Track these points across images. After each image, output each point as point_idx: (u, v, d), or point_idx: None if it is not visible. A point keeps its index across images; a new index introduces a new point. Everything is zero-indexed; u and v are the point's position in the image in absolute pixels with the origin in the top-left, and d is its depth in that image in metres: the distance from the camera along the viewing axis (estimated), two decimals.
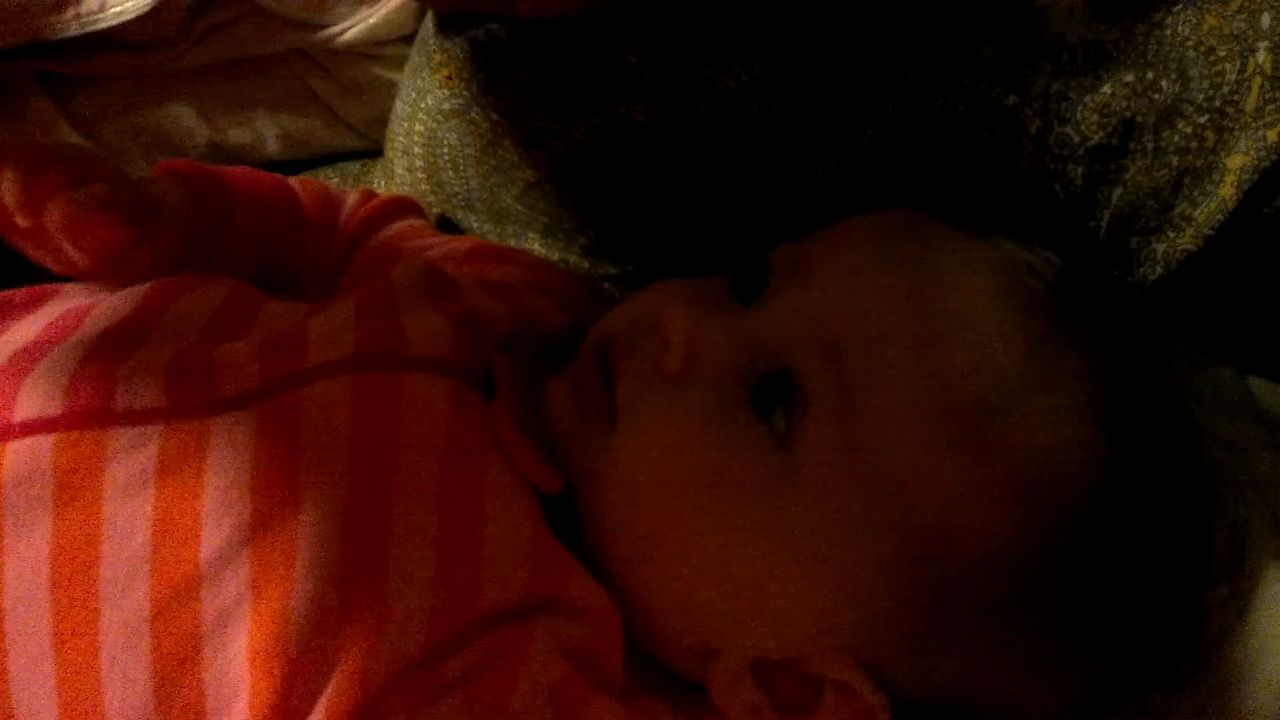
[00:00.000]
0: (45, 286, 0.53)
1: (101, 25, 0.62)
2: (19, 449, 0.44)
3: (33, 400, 0.45)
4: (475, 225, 0.63)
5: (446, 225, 0.64)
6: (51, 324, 0.48)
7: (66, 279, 0.52)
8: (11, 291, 0.52)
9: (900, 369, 0.45)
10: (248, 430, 0.44)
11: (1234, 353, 0.58)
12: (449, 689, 0.43)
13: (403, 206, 0.62)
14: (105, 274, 0.51)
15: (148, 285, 0.51)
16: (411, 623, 0.43)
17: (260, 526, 0.43)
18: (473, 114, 0.59)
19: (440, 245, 0.59)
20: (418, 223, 0.62)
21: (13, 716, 0.42)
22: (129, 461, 0.44)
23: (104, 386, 0.45)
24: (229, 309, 0.50)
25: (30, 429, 0.44)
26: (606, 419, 0.47)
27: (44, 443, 0.44)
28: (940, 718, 0.47)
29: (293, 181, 0.61)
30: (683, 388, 0.46)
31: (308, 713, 0.42)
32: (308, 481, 0.44)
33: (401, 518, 0.44)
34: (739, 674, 0.47)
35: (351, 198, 0.62)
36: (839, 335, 0.46)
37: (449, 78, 0.60)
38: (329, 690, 0.42)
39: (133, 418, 0.45)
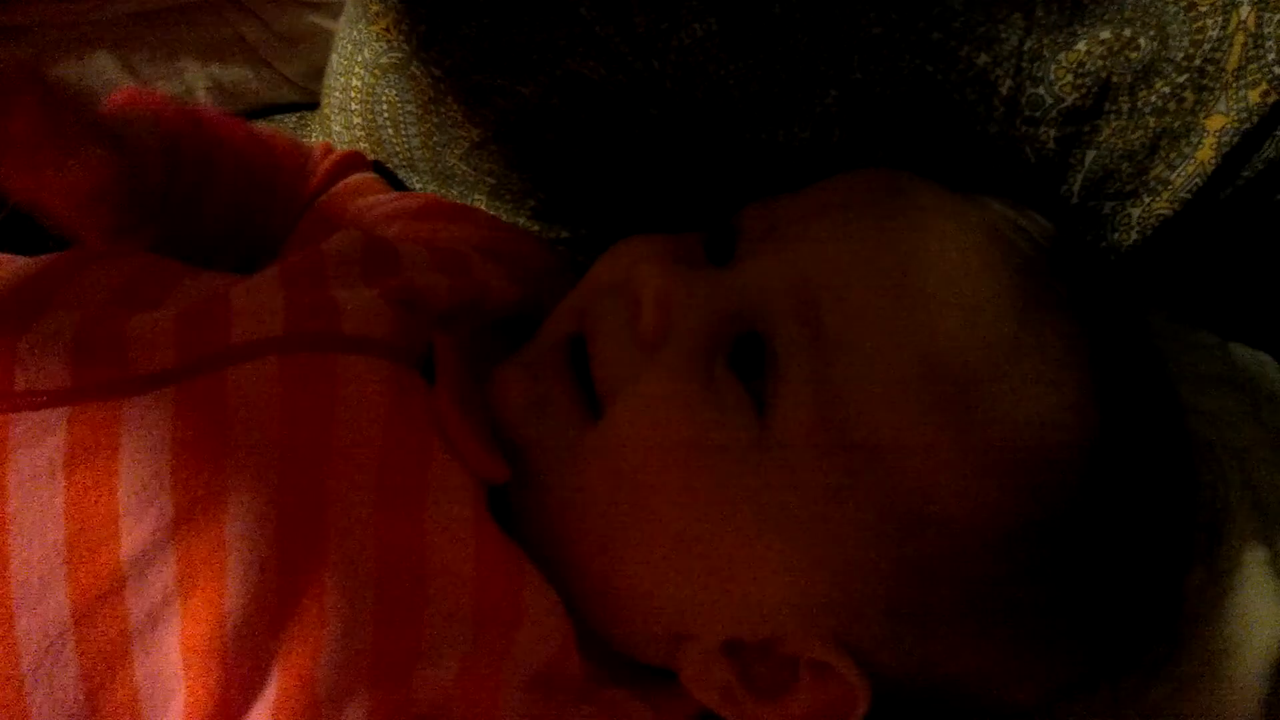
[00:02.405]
0: None
1: None
2: None
3: None
4: (418, 186, 0.60)
5: (398, 184, 0.61)
6: None
7: None
8: None
9: (881, 332, 0.42)
10: (165, 414, 0.41)
11: (1214, 319, 0.56)
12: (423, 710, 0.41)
13: (356, 161, 0.59)
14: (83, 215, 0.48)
15: (51, 255, 0.48)
16: (357, 623, 0.40)
17: (185, 521, 0.40)
18: (413, 69, 0.56)
19: (389, 202, 0.56)
20: (368, 178, 0.58)
21: None
22: (34, 450, 0.40)
23: (3, 360, 0.42)
24: (144, 278, 0.47)
25: None
26: (579, 409, 0.45)
27: None
28: (919, 701, 0.46)
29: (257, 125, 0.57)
30: (660, 355, 0.44)
31: (245, 713, 0.40)
32: (235, 474, 0.41)
33: (338, 516, 0.41)
34: (711, 656, 0.45)
35: (315, 152, 0.58)
36: (814, 297, 0.43)
37: (387, 29, 0.56)
38: (271, 691, 0.40)
39: (35, 400, 0.41)
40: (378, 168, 0.60)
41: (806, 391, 0.42)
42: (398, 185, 0.60)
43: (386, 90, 0.57)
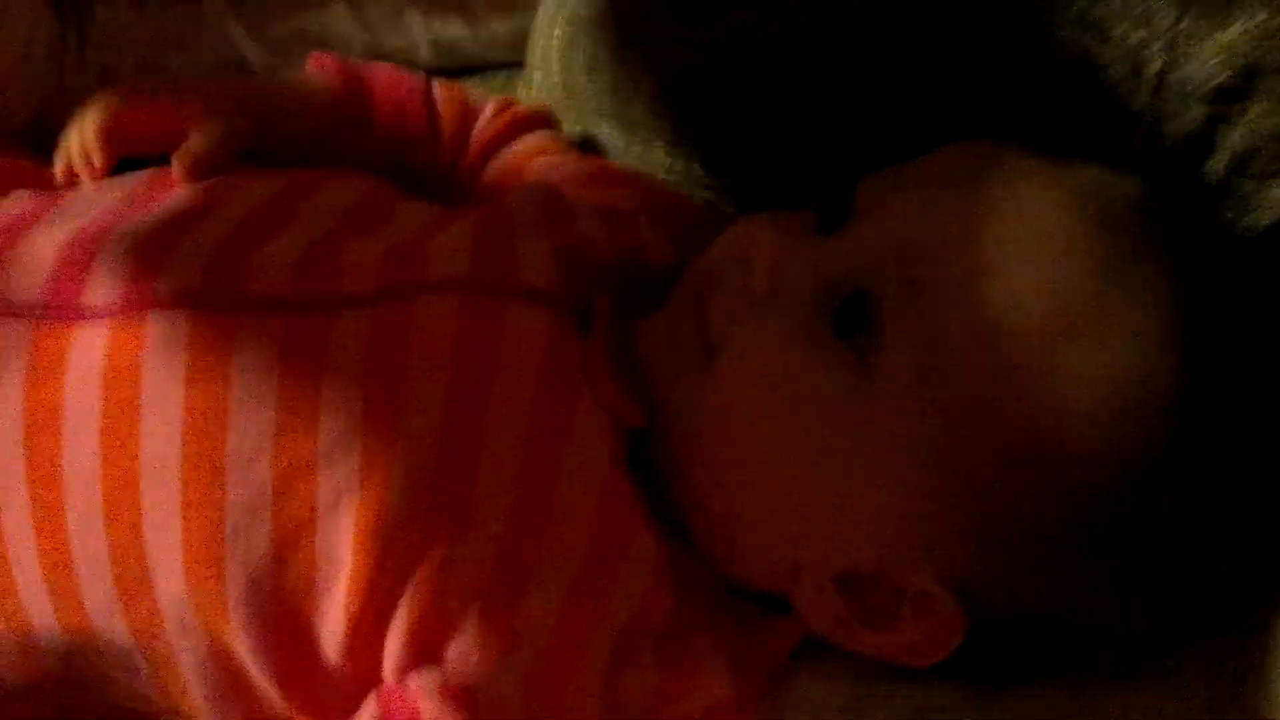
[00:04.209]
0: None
1: None
2: (159, 319, 0.48)
3: (173, 276, 0.49)
4: (607, 132, 0.65)
5: (581, 143, 0.67)
6: (198, 198, 0.53)
7: None
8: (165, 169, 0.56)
9: (972, 289, 0.46)
10: (362, 331, 0.48)
11: None
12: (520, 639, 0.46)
13: (536, 120, 0.65)
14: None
15: (288, 174, 0.56)
16: (486, 540, 0.46)
17: (369, 421, 0.47)
18: (608, 19, 0.61)
19: (566, 165, 0.63)
20: (547, 138, 0.65)
21: (148, 572, 0.47)
22: (256, 347, 0.48)
23: (240, 271, 0.49)
24: (366, 205, 0.55)
25: (173, 302, 0.48)
26: (700, 355, 0.50)
27: (181, 317, 0.48)
28: (1018, 636, 0.49)
29: (436, 87, 0.65)
30: (769, 311, 0.49)
31: (396, 597, 0.46)
32: (412, 388, 0.48)
33: (491, 441, 0.47)
34: (823, 587, 0.49)
35: (489, 108, 0.65)
36: (914, 258, 0.47)
37: None
38: (411, 585, 0.46)
39: (261, 306, 0.49)
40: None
41: (907, 344, 0.47)
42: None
43: (583, 40, 0.63)
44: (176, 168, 0.54)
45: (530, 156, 0.63)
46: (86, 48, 0.69)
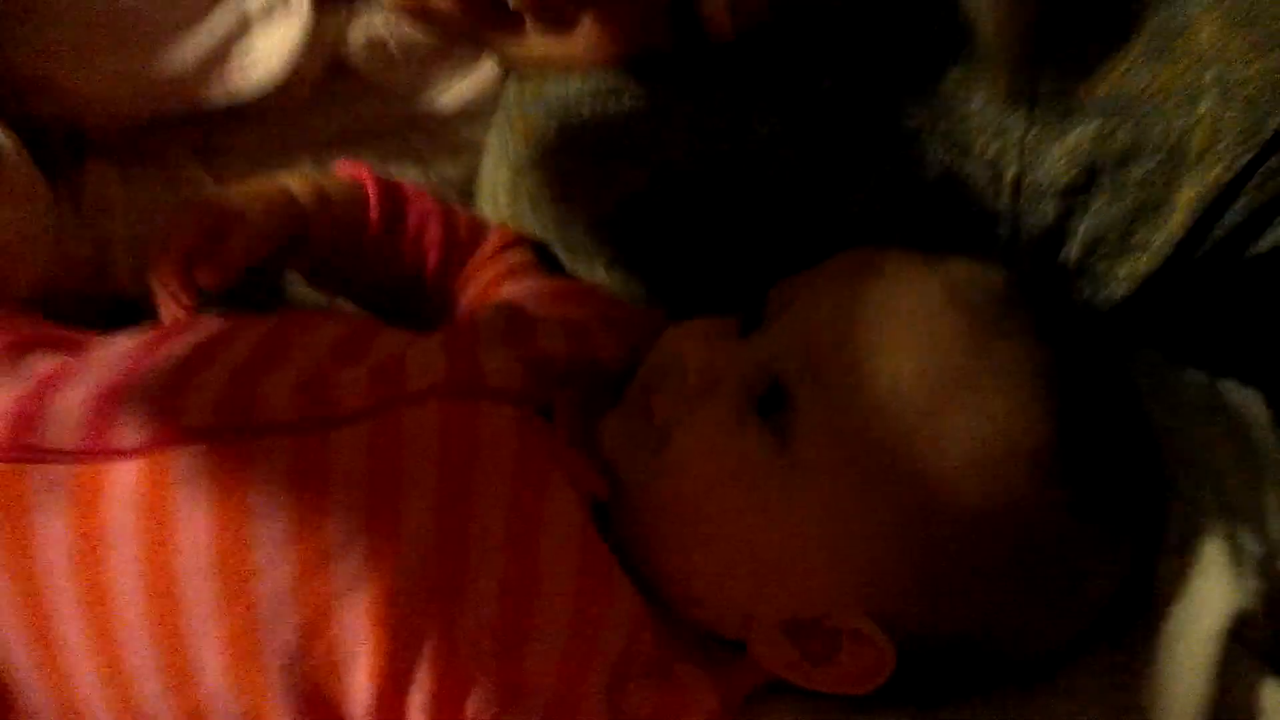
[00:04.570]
0: (196, 318, 0.64)
1: (243, 93, 0.74)
2: (181, 454, 0.55)
3: (188, 415, 0.56)
4: (551, 256, 0.73)
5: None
6: (201, 344, 0.60)
7: None
8: (170, 323, 0.64)
9: (862, 374, 0.55)
10: (357, 443, 0.56)
11: (1203, 358, 0.66)
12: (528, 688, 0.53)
13: (512, 238, 0.73)
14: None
15: (279, 315, 0.63)
16: (487, 607, 0.53)
17: (370, 519, 0.54)
18: (546, 163, 0.70)
19: (533, 286, 0.70)
20: (522, 259, 0.72)
21: (192, 668, 0.53)
22: (266, 468, 0.55)
23: (246, 404, 0.56)
24: (352, 336, 0.62)
25: (191, 438, 0.55)
26: (651, 443, 0.58)
27: (199, 450, 0.55)
28: (943, 661, 0.57)
29: (450, 210, 0.73)
30: (704, 403, 0.57)
31: (412, 670, 0.53)
32: (405, 487, 0.54)
33: (478, 524, 0.54)
34: (773, 633, 0.56)
35: (490, 241, 0.73)
36: (814, 351, 0.56)
37: (528, 135, 0.70)
38: (427, 655, 0.53)
39: (267, 432, 0.56)
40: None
41: (815, 423, 0.55)
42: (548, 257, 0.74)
43: (525, 181, 0.71)
44: (207, 270, 0.63)
45: (501, 280, 0.71)
46: (81, 219, 0.75)
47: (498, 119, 0.74)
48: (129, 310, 0.75)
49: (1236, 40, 0.61)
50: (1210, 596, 0.57)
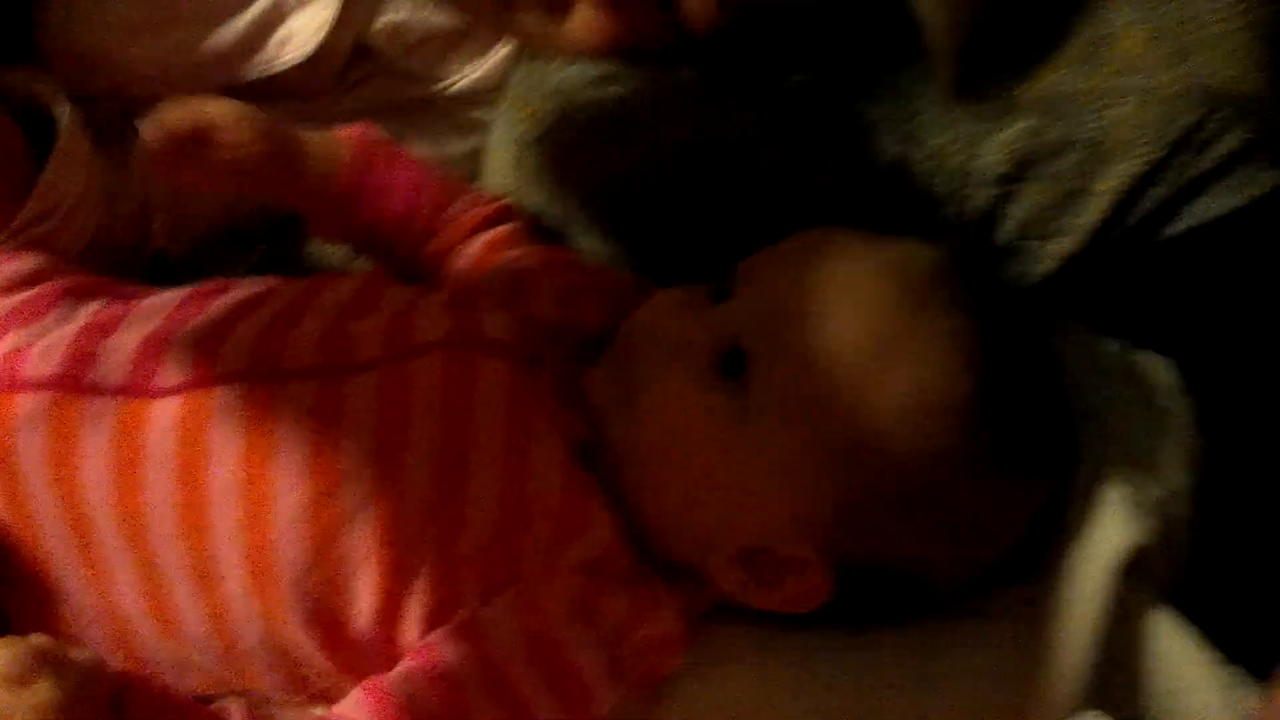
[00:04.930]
0: (231, 280, 0.72)
1: (277, 68, 0.81)
2: (218, 392, 0.63)
3: (226, 360, 0.64)
4: (550, 226, 0.80)
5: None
6: (238, 302, 0.68)
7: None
8: (208, 283, 0.72)
9: (810, 340, 0.62)
10: (372, 389, 0.64)
11: (1121, 330, 0.74)
12: (510, 583, 0.62)
13: (505, 213, 0.78)
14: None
15: (307, 280, 0.71)
16: (481, 524, 0.61)
17: (382, 453, 0.62)
18: (549, 140, 0.77)
19: (527, 254, 0.77)
20: (516, 229, 0.78)
21: (218, 572, 0.61)
22: (291, 406, 0.63)
23: (276, 352, 0.65)
24: (361, 293, 0.70)
25: (228, 379, 0.64)
26: (626, 397, 0.66)
27: (235, 389, 0.63)
28: (875, 584, 0.65)
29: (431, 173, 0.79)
30: (675, 363, 0.65)
31: (412, 587, 0.61)
32: (413, 425, 0.62)
33: (476, 456, 0.62)
34: (730, 559, 0.64)
35: (461, 203, 0.78)
36: (770, 320, 0.64)
37: (531, 114, 0.77)
38: (427, 565, 0.61)
39: (293, 375, 0.64)
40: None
41: (769, 383, 0.63)
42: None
43: (528, 157, 0.77)
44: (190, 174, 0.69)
45: (497, 247, 0.76)
46: (128, 181, 0.82)
47: (504, 101, 0.81)
48: (166, 265, 0.84)
49: (1154, 51, 0.69)
50: (1109, 534, 0.65)
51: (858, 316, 0.63)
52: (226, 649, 0.63)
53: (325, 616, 0.61)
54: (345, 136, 0.75)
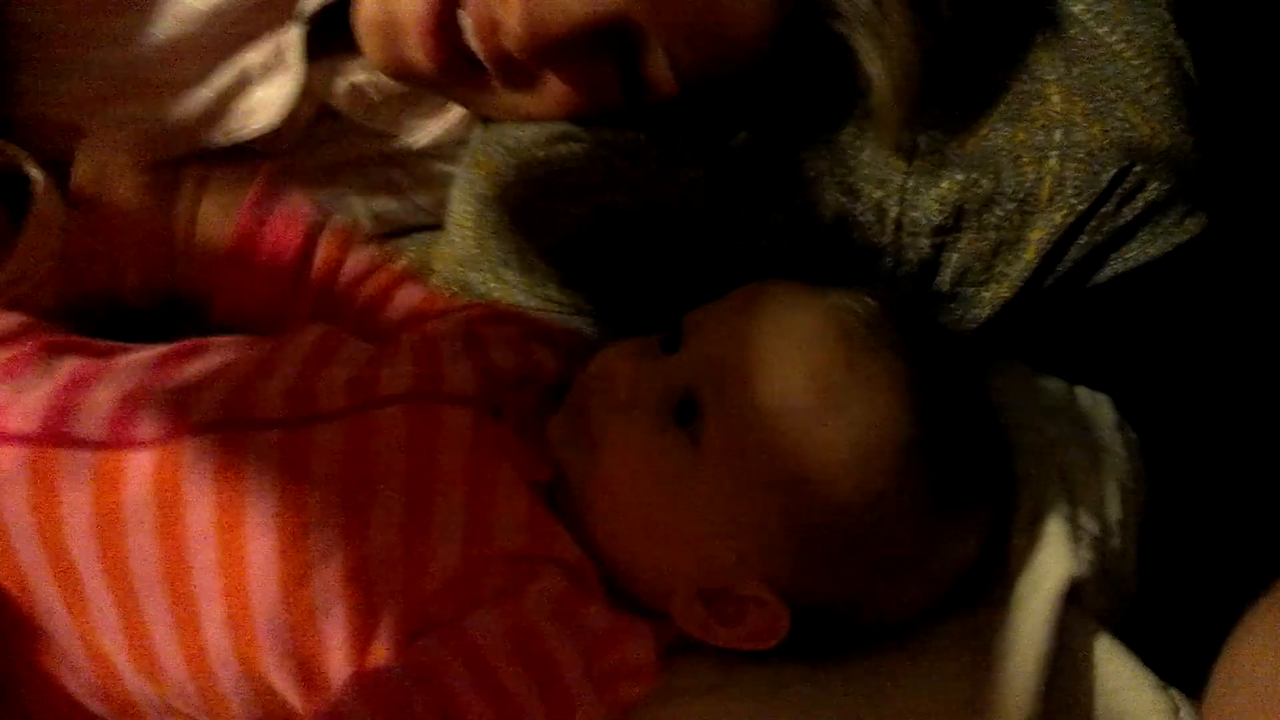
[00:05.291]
0: (202, 340, 0.74)
1: (243, 136, 0.84)
2: (192, 442, 0.65)
3: (199, 413, 0.66)
4: (511, 276, 0.82)
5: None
6: (213, 361, 0.70)
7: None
8: (184, 343, 0.73)
9: (755, 388, 0.65)
10: (339, 438, 0.66)
11: (1062, 368, 0.78)
12: (481, 602, 0.63)
13: (409, 276, 0.80)
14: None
15: (274, 338, 0.73)
16: (448, 558, 0.63)
17: (348, 499, 0.64)
18: (507, 197, 0.80)
19: (461, 309, 0.79)
20: (423, 291, 0.80)
21: (198, 618, 0.63)
22: (260, 455, 0.65)
23: (246, 404, 0.67)
24: (321, 344, 0.72)
25: (201, 430, 0.65)
26: (586, 445, 0.68)
27: (207, 440, 0.65)
28: (831, 619, 0.68)
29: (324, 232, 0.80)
30: (630, 413, 0.67)
31: (382, 619, 0.63)
32: (378, 474, 0.64)
33: (441, 500, 0.64)
34: (690, 600, 0.67)
35: (361, 261, 0.79)
36: (718, 369, 0.66)
37: (490, 173, 0.81)
38: (395, 605, 0.63)
39: (262, 426, 0.66)
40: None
41: (719, 429, 0.65)
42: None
43: (489, 212, 0.80)
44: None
45: (428, 305, 0.78)
46: (102, 241, 0.80)
47: (465, 157, 0.85)
48: (141, 316, 0.86)
49: (1079, 106, 0.73)
50: (1051, 565, 0.69)
51: (800, 365, 0.66)
52: (205, 691, 0.65)
53: (299, 657, 0.63)
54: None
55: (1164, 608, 0.75)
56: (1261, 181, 0.79)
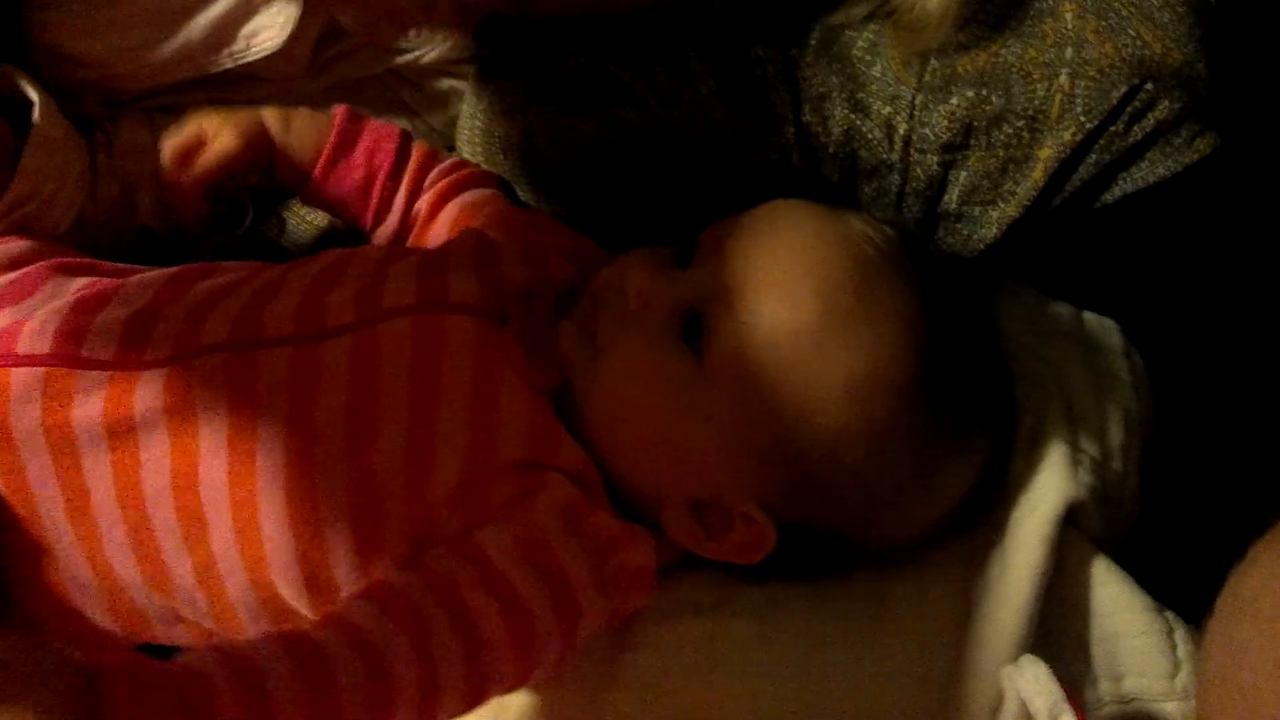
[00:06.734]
0: (211, 263, 0.76)
1: (248, 59, 0.84)
2: (202, 361, 0.66)
3: (209, 334, 0.67)
4: (520, 193, 0.83)
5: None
6: (221, 283, 0.72)
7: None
8: (193, 266, 0.75)
9: (764, 309, 0.65)
10: (345, 352, 0.67)
11: (1069, 293, 0.77)
12: (490, 513, 0.64)
13: (483, 178, 0.82)
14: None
15: (283, 265, 0.74)
16: (451, 465, 0.64)
17: (360, 404, 0.65)
18: (515, 114, 0.80)
19: (506, 216, 0.80)
20: (489, 193, 0.81)
21: (206, 527, 0.65)
22: (271, 371, 0.66)
23: (256, 324, 0.68)
24: (333, 264, 0.73)
25: (211, 350, 0.67)
26: (592, 353, 0.68)
27: (218, 358, 0.66)
28: (822, 539, 0.68)
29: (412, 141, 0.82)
30: (638, 324, 0.67)
31: (387, 525, 0.64)
32: (385, 381, 0.65)
33: (445, 409, 0.65)
34: (681, 510, 0.67)
35: (441, 165, 0.82)
36: (728, 289, 0.66)
37: (498, 89, 0.80)
38: (401, 514, 0.64)
39: (273, 343, 0.67)
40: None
41: (724, 347, 0.65)
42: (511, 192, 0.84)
43: (498, 128, 0.80)
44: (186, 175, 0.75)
45: (477, 209, 0.79)
46: (113, 162, 0.85)
47: (475, 74, 0.84)
48: (155, 239, 0.87)
49: (1091, 24, 0.71)
50: (1049, 488, 0.68)
51: (809, 290, 0.65)
52: (214, 599, 0.67)
53: (306, 566, 0.65)
54: (319, 122, 0.79)
55: (1169, 534, 0.75)
56: (1275, 103, 0.77)
